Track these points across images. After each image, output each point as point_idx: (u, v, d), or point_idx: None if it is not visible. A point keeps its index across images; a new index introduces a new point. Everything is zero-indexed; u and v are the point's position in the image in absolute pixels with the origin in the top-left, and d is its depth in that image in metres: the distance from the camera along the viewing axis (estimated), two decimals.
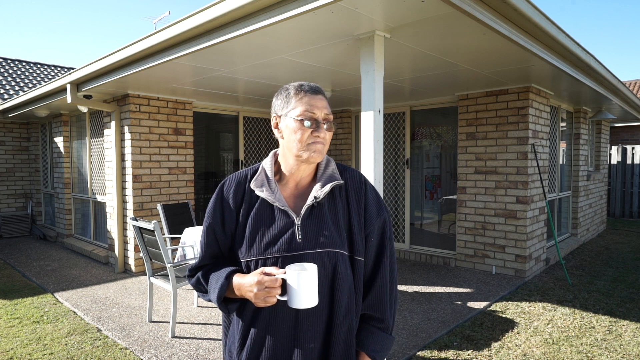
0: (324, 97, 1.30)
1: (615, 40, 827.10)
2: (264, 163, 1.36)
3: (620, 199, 11.04)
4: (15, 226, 8.46)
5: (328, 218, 1.27)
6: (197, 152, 6.56)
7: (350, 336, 1.28)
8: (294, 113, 1.26)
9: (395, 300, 1.39)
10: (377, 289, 1.32)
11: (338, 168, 1.37)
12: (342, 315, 1.25)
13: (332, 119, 1.30)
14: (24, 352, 3.36)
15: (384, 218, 1.36)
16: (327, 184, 1.29)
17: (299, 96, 1.26)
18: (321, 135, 1.25)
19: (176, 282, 3.70)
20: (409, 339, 3.56)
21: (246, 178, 1.33)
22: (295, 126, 1.25)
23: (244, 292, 1.19)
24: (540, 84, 5.22)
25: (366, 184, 1.37)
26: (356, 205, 1.32)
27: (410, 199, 6.56)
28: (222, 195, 1.33)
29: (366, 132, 3.02)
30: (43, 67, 11.39)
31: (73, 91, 5.19)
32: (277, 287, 1.14)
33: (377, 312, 1.33)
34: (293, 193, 1.33)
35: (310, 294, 1.13)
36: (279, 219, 1.26)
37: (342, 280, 1.25)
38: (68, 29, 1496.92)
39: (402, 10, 2.67)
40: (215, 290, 1.25)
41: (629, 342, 3.51)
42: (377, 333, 1.33)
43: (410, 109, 6.51)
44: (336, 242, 1.25)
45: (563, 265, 5.37)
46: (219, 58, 3.85)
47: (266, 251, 1.23)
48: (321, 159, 1.28)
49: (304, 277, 1.12)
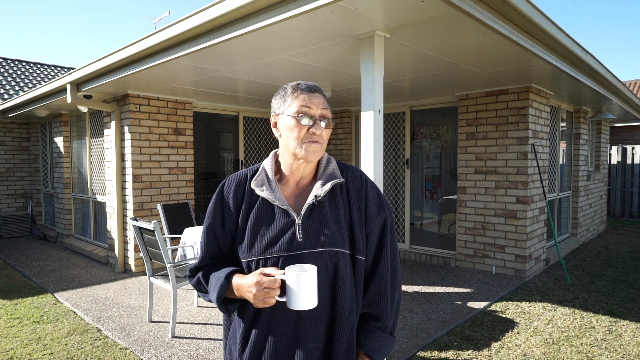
0: (322, 95, 1.29)
1: (615, 40, 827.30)
2: (264, 163, 1.35)
3: (620, 199, 11.04)
4: (15, 226, 8.46)
5: (329, 217, 1.26)
6: (197, 152, 6.56)
7: (353, 336, 1.27)
8: (290, 110, 1.26)
9: (398, 300, 1.37)
10: (376, 287, 1.31)
11: (339, 166, 1.36)
12: (345, 314, 1.24)
13: (330, 117, 1.29)
14: (24, 352, 3.36)
15: (385, 216, 1.35)
16: (328, 183, 1.28)
17: (295, 94, 1.26)
18: (317, 132, 1.24)
19: (176, 282, 3.70)
20: (409, 339, 3.56)
21: (246, 178, 1.33)
22: (291, 124, 1.25)
23: (244, 292, 1.19)
24: (540, 84, 5.22)
25: (367, 182, 1.36)
26: (357, 203, 1.31)
27: (410, 199, 6.56)
28: (223, 195, 1.32)
29: (366, 132, 3.02)
30: (43, 67, 11.39)
31: (73, 91, 5.19)
32: (276, 288, 1.13)
33: (375, 311, 1.31)
34: (294, 192, 1.32)
35: (309, 296, 1.12)
36: (279, 218, 1.25)
37: (344, 279, 1.24)
38: (68, 29, 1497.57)
39: (402, 10, 2.67)
40: (215, 290, 1.25)
41: (629, 342, 3.51)
42: (375, 332, 1.31)
43: (410, 109, 6.51)
44: (337, 241, 1.24)
45: (563, 265, 5.37)
46: (219, 58, 3.85)
47: (267, 251, 1.23)
48: (318, 157, 1.27)
49: (303, 278, 1.11)
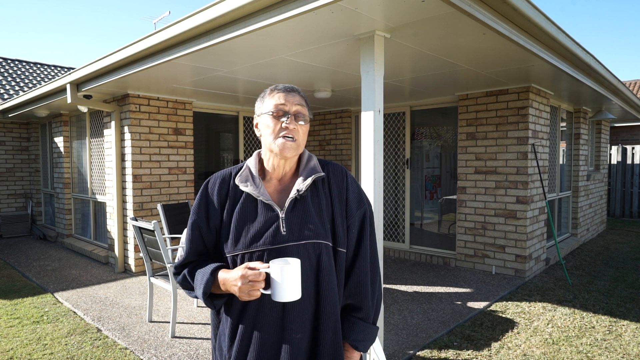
0: (298, 94, 1.34)
1: (615, 40, 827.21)
2: (247, 161, 1.41)
3: (620, 199, 11.04)
4: (15, 226, 8.46)
5: (312, 210, 1.30)
6: (197, 152, 6.56)
7: (338, 325, 1.31)
8: (266, 109, 1.32)
9: (378, 291, 1.41)
10: (356, 278, 1.35)
11: (320, 162, 1.41)
12: (329, 304, 1.28)
13: (307, 114, 1.34)
14: (24, 352, 3.36)
15: (364, 210, 1.40)
16: (309, 177, 1.33)
17: (272, 94, 1.33)
18: (290, 126, 1.28)
19: (176, 282, 3.70)
20: (409, 339, 3.56)
21: (230, 175, 1.37)
22: (267, 121, 1.31)
23: (229, 286, 1.22)
24: (540, 84, 5.22)
25: (347, 177, 1.41)
26: (338, 197, 1.36)
27: (410, 199, 6.56)
28: (207, 193, 1.36)
29: (366, 132, 3.02)
30: (43, 67, 11.39)
31: (73, 91, 5.19)
32: (261, 280, 1.17)
33: (356, 301, 1.36)
34: (277, 188, 1.36)
35: (293, 288, 1.16)
36: (263, 213, 1.29)
37: (326, 270, 1.28)
38: (68, 29, 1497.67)
39: (402, 10, 2.67)
40: (201, 286, 1.27)
41: (629, 342, 3.51)
42: (357, 323, 1.36)
43: (410, 109, 6.50)
44: (320, 233, 1.28)
45: (563, 265, 5.37)
46: (219, 58, 3.85)
47: (252, 245, 1.26)
48: (293, 152, 1.31)
49: (287, 271, 1.15)
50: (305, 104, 1.35)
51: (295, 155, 1.34)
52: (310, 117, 1.37)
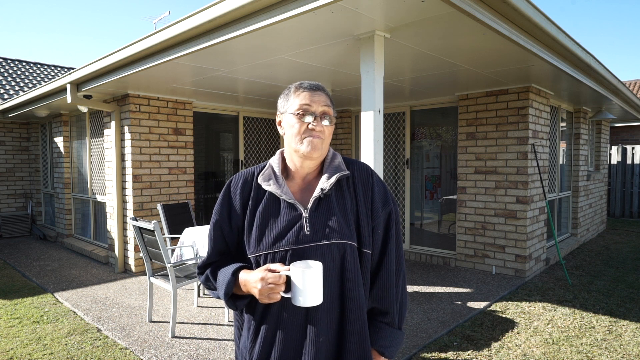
0: (324, 93, 1.31)
1: (615, 40, 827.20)
2: (271, 160, 1.37)
3: (620, 199, 11.04)
4: (15, 226, 8.46)
5: (336, 210, 1.27)
6: (197, 152, 6.56)
7: (365, 328, 1.26)
8: (291, 108, 1.29)
9: (403, 294, 1.37)
10: (382, 281, 1.31)
11: (345, 161, 1.37)
12: (355, 306, 1.24)
13: (333, 114, 1.30)
14: (24, 352, 3.36)
15: (390, 210, 1.35)
16: (334, 175, 1.29)
17: (297, 92, 1.29)
18: (317, 128, 1.25)
19: (176, 282, 3.70)
20: (409, 339, 3.56)
21: (253, 175, 1.35)
22: (292, 121, 1.28)
23: (250, 288, 1.20)
24: (540, 84, 5.22)
25: (373, 176, 1.36)
26: (363, 197, 1.32)
27: (410, 199, 6.56)
28: (230, 192, 1.34)
29: (366, 132, 3.02)
30: (43, 67, 11.39)
31: (73, 91, 5.19)
32: (281, 284, 1.14)
33: (383, 305, 1.31)
34: (300, 187, 1.33)
35: (314, 292, 1.12)
36: (286, 212, 1.26)
37: (351, 271, 1.24)
38: (68, 29, 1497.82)
39: (402, 10, 2.67)
40: (222, 287, 1.25)
41: (629, 342, 3.51)
42: (384, 328, 1.31)
43: (410, 109, 6.50)
44: (345, 233, 1.24)
45: (563, 265, 5.37)
46: (219, 58, 3.85)
47: (274, 245, 1.23)
48: (319, 152, 1.28)
49: (308, 274, 1.11)
50: (331, 102, 1.31)
51: (321, 157, 1.31)
52: (335, 115, 1.33)
